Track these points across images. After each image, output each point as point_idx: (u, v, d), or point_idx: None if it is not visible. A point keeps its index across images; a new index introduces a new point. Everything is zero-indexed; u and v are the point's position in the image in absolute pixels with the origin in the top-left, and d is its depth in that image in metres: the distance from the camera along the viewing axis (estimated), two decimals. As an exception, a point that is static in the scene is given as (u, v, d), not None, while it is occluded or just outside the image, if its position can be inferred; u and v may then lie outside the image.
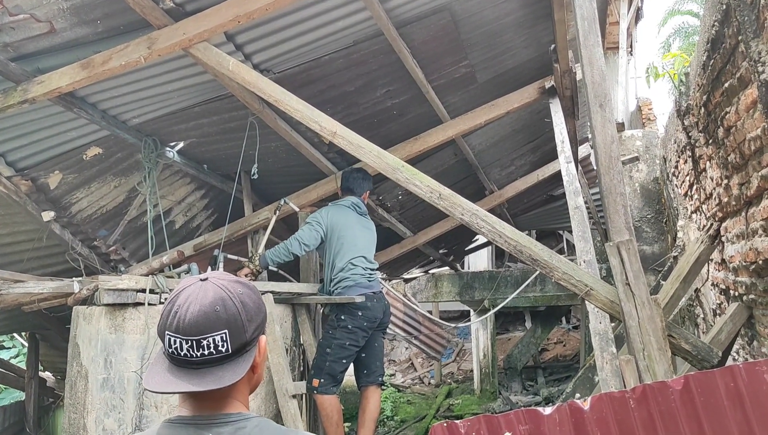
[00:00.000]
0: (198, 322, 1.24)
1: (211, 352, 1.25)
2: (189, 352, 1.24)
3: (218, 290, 1.29)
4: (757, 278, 3.52)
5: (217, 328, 1.25)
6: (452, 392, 11.92)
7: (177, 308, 1.26)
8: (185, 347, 1.24)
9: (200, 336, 1.24)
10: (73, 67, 3.56)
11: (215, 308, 1.26)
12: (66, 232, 5.02)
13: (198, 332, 1.24)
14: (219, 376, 1.25)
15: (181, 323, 1.25)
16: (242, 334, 1.28)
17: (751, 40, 2.51)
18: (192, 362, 1.25)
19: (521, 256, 2.79)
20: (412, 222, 7.46)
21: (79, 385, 3.86)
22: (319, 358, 4.45)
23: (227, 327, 1.26)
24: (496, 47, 4.75)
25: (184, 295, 1.29)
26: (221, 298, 1.28)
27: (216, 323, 1.25)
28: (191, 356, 1.24)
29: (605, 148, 2.62)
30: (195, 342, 1.24)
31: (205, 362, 1.25)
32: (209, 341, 1.24)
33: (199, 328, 1.24)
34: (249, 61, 3.93)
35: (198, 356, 1.24)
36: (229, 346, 1.26)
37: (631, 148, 8.47)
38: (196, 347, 1.24)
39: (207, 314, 1.25)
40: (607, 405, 1.70)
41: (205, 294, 1.28)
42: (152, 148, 4.73)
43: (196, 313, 1.25)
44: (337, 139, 3.31)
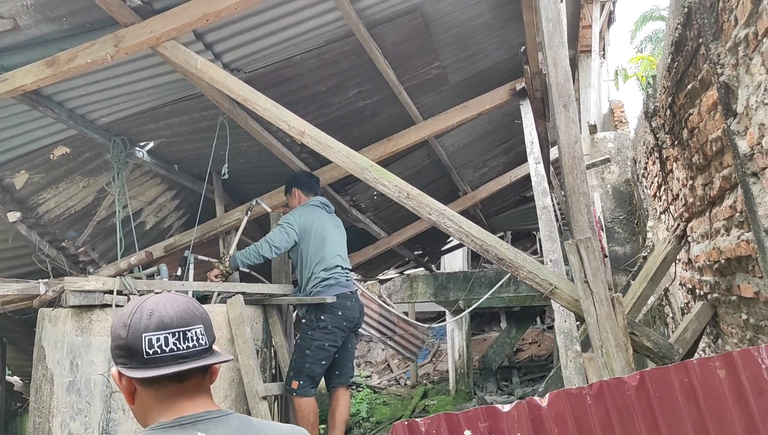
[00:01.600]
0: (181, 315, 1.28)
1: (195, 344, 1.27)
2: (176, 346, 1.25)
3: (180, 295, 1.34)
4: (720, 277, 3.59)
5: (196, 322, 1.29)
6: (428, 393, 11.96)
7: (151, 311, 1.28)
8: (171, 341, 1.25)
9: (185, 327, 1.27)
10: (37, 64, 3.50)
11: (189, 305, 1.31)
12: (33, 233, 4.93)
13: (183, 323, 1.27)
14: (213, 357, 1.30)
15: (164, 319, 1.26)
16: (211, 331, 1.33)
17: (711, 43, 2.55)
18: (178, 356, 1.25)
19: (488, 256, 2.81)
20: (387, 223, 7.47)
21: (45, 388, 3.80)
22: (298, 360, 4.41)
23: (202, 322, 1.31)
24: (467, 49, 4.78)
25: (151, 301, 1.30)
26: (188, 300, 1.33)
27: (194, 317, 1.30)
28: (178, 349, 1.25)
29: (569, 148, 2.66)
30: (182, 333, 1.26)
31: (192, 355, 1.26)
32: (193, 332, 1.28)
33: (183, 320, 1.27)
34: (219, 60, 3.91)
35: (184, 349, 1.26)
36: (206, 339, 1.30)
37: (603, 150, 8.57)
38: (182, 339, 1.26)
39: (185, 309, 1.30)
40: (565, 402, 1.72)
41: (173, 298, 1.32)
42: (121, 147, 4.67)
43: (177, 307, 1.29)
44: (306, 138, 3.30)
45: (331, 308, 4.47)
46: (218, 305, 4.40)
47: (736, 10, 2.31)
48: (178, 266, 4.88)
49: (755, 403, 1.64)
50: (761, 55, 2.17)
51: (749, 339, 3.25)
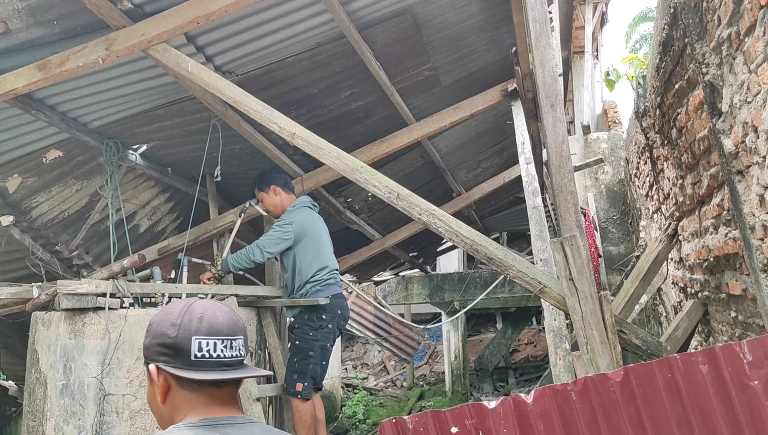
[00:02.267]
0: (229, 324, 1.32)
1: (237, 354, 1.32)
2: (222, 353, 1.29)
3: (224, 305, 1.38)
4: (709, 275, 3.61)
5: (239, 333, 1.34)
6: (424, 394, 11.97)
7: (200, 315, 1.30)
8: (219, 347, 1.29)
9: (232, 336, 1.31)
10: (29, 68, 3.51)
11: (234, 316, 1.35)
12: (26, 237, 4.92)
13: (230, 332, 1.31)
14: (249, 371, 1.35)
15: (214, 325, 1.29)
16: (247, 344, 1.38)
17: (696, 42, 2.58)
18: (223, 363, 1.29)
19: (477, 255, 2.83)
20: (381, 224, 7.48)
21: (38, 392, 3.80)
22: (302, 363, 4.35)
23: (243, 334, 1.35)
24: (458, 50, 4.80)
25: (200, 305, 1.33)
26: (233, 311, 1.38)
27: (238, 328, 1.34)
28: (224, 357, 1.29)
29: (556, 148, 2.67)
30: (229, 341, 1.30)
31: (234, 364, 1.31)
32: (237, 343, 1.32)
33: (231, 329, 1.31)
34: (211, 62, 3.92)
35: (229, 357, 1.29)
36: (245, 351, 1.35)
37: (596, 151, 8.61)
38: (229, 347, 1.30)
39: (232, 319, 1.34)
40: (550, 398, 1.74)
41: (219, 306, 1.36)
42: (114, 150, 4.67)
43: (226, 316, 1.33)
44: (296, 140, 3.32)
45: (331, 308, 4.47)
46: (212, 307, 4.39)
47: (719, 10, 2.34)
48: (171, 269, 4.88)
49: (737, 397, 1.66)
50: (744, 54, 2.20)
51: (738, 336, 3.28)
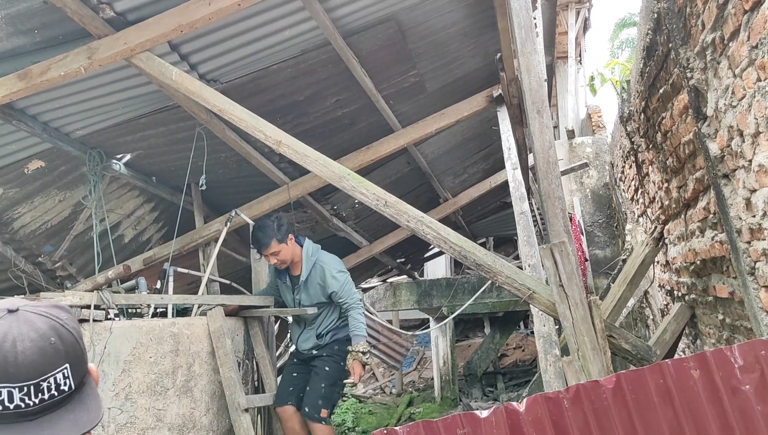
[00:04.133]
0: (35, 362, 1.00)
1: (53, 394, 1.02)
2: (23, 402, 0.99)
3: (44, 319, 1.05)
4: (696, 278, 3.63)
5: (58, 364, 1.03)
6: (413, 401, 11.93)
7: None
8: (17, 397, 0.99)
9: (39, 378, 1.00)
10: (9, 78, 3.46)
11: (50, 341, 1.03)
12: (8, 249, 4.86)
13: (36, 374, 1.00)
14: (72, 420, 1.03)
15: (10, 368, 0.98)
16: (83, 365, 1.08)
17: (680, 47, 2.60)
18: (27, 413, 1.00)
19: (466, 262, 2.82)
20: (368, 231, 7.47)
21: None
22: (330, 389, 4.41)
23: (68, 360, 1.04)
24: (443, 56, 4.81)
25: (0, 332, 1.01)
26: (53, 328, 1.05)
27: (55, 358, 1.02)
28: (26, 405, 1.00)
29: (543, 154, 2.68)
30: (33, 387, 1.00)
31: (45, 409, 1.01)
32: (50, 382, 1.01)
33: (37, 369, 1.00)
34: (195, 71, 3.89)
35: (36, 404, 1.00)
36: (72, 381, 1.04)
37: (581, 155, 8.67)
38: (33, 393, 1.00)
39: (43, 350, 1.01)
40: (542, 406, 1.72)
41: (30, 326, 1.03)
42: (97, 160, 4.62)
43: (29, 350, 1.00)
44: (283, 148, 3.30)
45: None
46: (198, 318, 4.36)
47: (703, 15, 2.35)
48: (157, 279, 4.84)
49: (729, 402, 1.65)
50: (728, 58, 2.21)
51: (726, 339, 3.30)
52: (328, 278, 4.38)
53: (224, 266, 5.91)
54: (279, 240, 4.36)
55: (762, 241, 2.25)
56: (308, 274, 4.44)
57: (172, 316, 4.37)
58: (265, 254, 4.42)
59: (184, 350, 4.04)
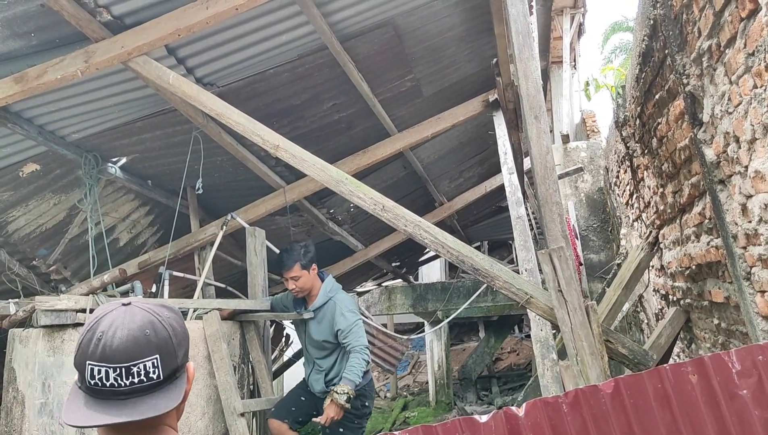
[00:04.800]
0: (127, 348, 1.15)
1: (142, 379, 1.15)
2: (116, 382, 1.14)
3: (145, 314, 1.21)
4: (692, 283, 3.65)
5: (148, 354, 1.17)
6: (408, 405, 11.92)
7: (101, 335, 1.16)
8: (112, 376, 1.14)
9: (130, 362, 1.15)
10: (5, 81, 3.45)
11: (145, 332, 1.17)
12: (2, 252, 4.84)
13: (128, 359, 1.15)
14: (153, 404, 1.16)
15: (107, 350, 1.14)
16: (173, 359, 1.20)
17: (676, 54, 2.61)
18: (119, 393, 1.14)
19: (464, 266, 2.83)
20: (364, 235, 7.47)
21: (16, 411, 3.70)
22: None
23: (158, 352, 1.18)
24: (440, 61, 4.82)
25: (108, 320, 1.18)
26: (150, 322, 1.19)
27: (147, 348, 1.17)
28: (119, 386, 1.14)
29: (541, 159, 2.69)
30: (124, 370, 1.14)
31: (135, 392, 1.15)
32: (140, 368, 1.15)
33: (128, 354, 1.15)
34: (192, 74, 3.89)
35: (127, 385, 1.15)
36: (161, 372, 1.17)
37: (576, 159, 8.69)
38: (125, 375, 1.14)
39: (137, 339, 1.16)
40: (541, 410, 1.73)
41: (132, 318, 1.19)
42: (93, 164, 4.61)
43: (125, 337, 1.15)
44: (280, 152, 3.30)
45: (370, 392, 4.43)
46: (194, 322, 4.34)
47: (699, 22, 2.37)
48: (152, 283, 4.82)
49: (726, 406, 1.66)
50: (724, 65, 2.23)
51: (721, 343, 3.31)
52: (337, 315, 4.19)
53: (220, 270, 5.90)
54: (302, 265, 4.25)
55: (758, 246, 2.26)
56: (320, 306, 4.28)
57: (168, 320, 4.35)
58: (286, 277, 4.28)
59: (179, 354, 4.02)
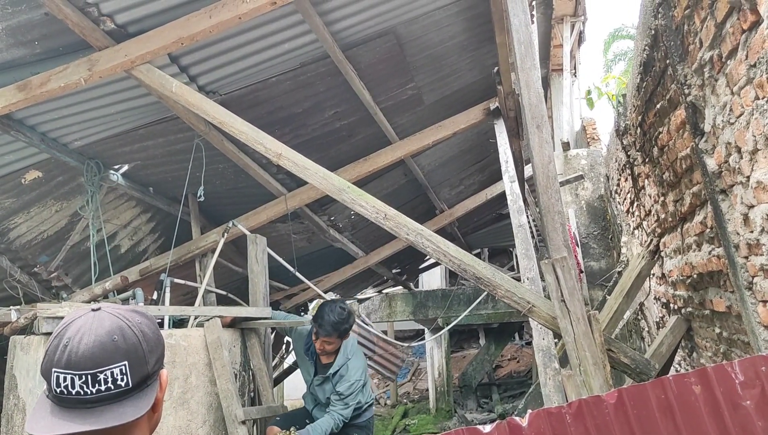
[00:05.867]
0: (94, 354, 1.11)
1: (109, 387, 1.12)
2: (82, 389, 1.11)
3: (115, 319, 1.17)
4: (693, 292, 3.65)
5: (116, 360, 1.13)
6: (408, 412, 11.90)
7: (67, 341, 1.12)
8: (77, 384, 1.10)
9: (96, 369, 1.11)
10: (9, 88, 3.46)
11: (113, 338, 1.14)
12: (4, 259, 4.83)
13: (94, 365, 1.11)
14: (119, 412, 1.12)
15: (73, 357, 1.10)
16: (143, 366, 1.16)
17: (678, 64, 2.63)
18: (85, 401, 1.11)
19: (465, 275, 2.83)
20: (365, 242, 7.47)
21: (17, 418, 3.69)
22: None
23: (126, 358, 1.14)
24: (441, 70, 4.84)
25: (75, 327, 1.14)
26: (119, 327, 1.15)
27: (114, 354, 1.13)
28: (85, 393, 1.11)
29: (543, 169, 2.70)
30: (90, 377, 1.11)
31: (102, 399, 1.12)
32: (107, 375, 1.12)
33: (94, 361, 1.11)
34: (194, 82, 3.90)
35: (93, 393, 1.11)
36: (129, 379, 1.14)
37: (576, 167, 8.71)
38: (91, 383, 1.11)
39: (104, 344, 1.12)
40: (545, 421, 1.73)
41: (100, 323, 1.15)
42: (95, 171, 4.62)
43: (92, 343, 1.12)
44: (283, 160, 3.30)
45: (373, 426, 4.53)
46: (195, 329, 4.34)
47: (700, 33, 2.38)
48: (154, 290, 4.82)
49: (730, 418, 1.66)
50: (726, 76, 2.24)
51: (723, 352, 3.31)
52: (343, 381, 4.24)
53: (221, 277, 5.91)
54: (340, 334, 4.28)
55: (760, 256, 2.27)
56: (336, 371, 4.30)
57: (169, 327, 4.36)
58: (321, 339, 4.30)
59: (180, 362, 4.02)
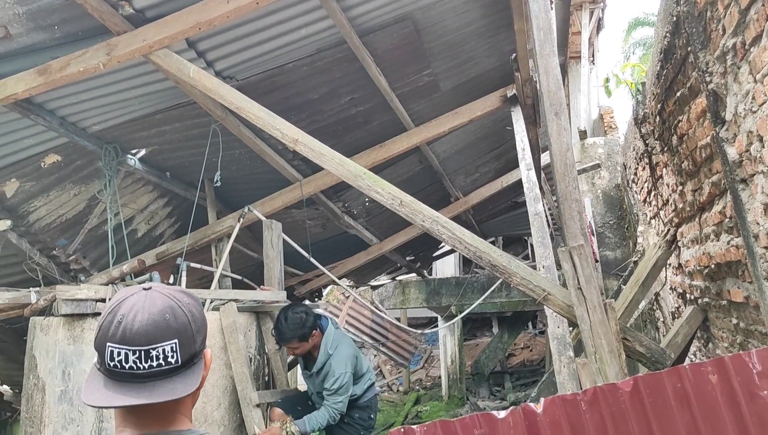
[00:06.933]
0: (147, 331, 1.16)
1: (160, 363, 1.17)
2: (135, 364, 1.16)
3: (166, 299, 1.22)
4: (710, 282, 3.62)
5: (167, 338, 1.18)
6: (420, 399, 11.95)
7: (121, 317, 1.17)
8: (131, 359, 1.15)
9: (149, 346, 1.16)
10: (29, 73, 3.50)
11: (165, 316, 1.19)
12: (23, 242, 4.90)
13: (147, 342, 1.16)
14: (170, 388, 1.17)
15: (127, 333, 1.15)
16: (192, 345, 1.21)
17: (699, 51, 2.59)
18: (138, 375, 1.16)
19: (481, 262, 2.83)
20: (379, 229, 7.48)
21: (36, 398, 3.77)
22: None
23: (177, 336, 1.19)
24: (458, 56, 4.81)
25: (128, 304, 1.19)
26: (170, 307, 1.21)
27: (166, 332, 1.18)
28: (138, 368, 1.16)
29: (561, 156, 2.68)
30: (143, 353, 1.16)
31: (153, 375, 1.17)
32: (159, 351, 1.17)
33: (148, 338, 1.16)
34: (211, 68, 3.92)
35: (145, 368, 1.16)
36: (179, 356, 1.19)
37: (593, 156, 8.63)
38: (144, 358, 1.16)
39: (157, 323, 1.17)
40: (560, 407, 1.73)
41: (153, 302, 1.20)
42: (113, 155, 4.66)
43: (145, 321, 1.17)
44: (299, 146, 3.31)
45: (375, 406, 4.63)
46: (211, 313, 4.38)
47: (723, 19, 2.34)
48: (170, 274, 4.87)
49: (747, 407, 1.66)
50: (749, 63, 2.20)
51: (740, 343, 3.29)
52: (329, 377, 4.25)
53: (236, 262, 5.95)
54: (300, 338, 4.25)
55: (780, 246, 2.24)
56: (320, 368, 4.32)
57: (185, 311, 4.40)
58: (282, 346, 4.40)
59: (196, 345, 4.07)
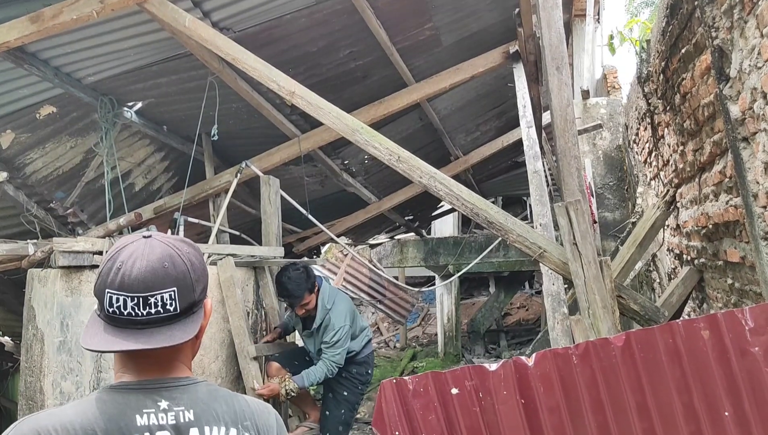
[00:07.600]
0: (146, 278, 1.16)
1: (158, 310, 1.17)
2: (134, 311, 1.16)
3: (165, 247, 1.22)
4: (707, 242, 3.62)
5: (166, 285, 1.18)
6: (417, 355, 12.12)
7: (120, 264, 1.17)
8: (130, 305, 1.16)
9: (148, 292, 1.16)
10: (21, 20, 3.42)
11: (164, 264, 1.19)
12: (20, 194, 4.89)
13: (145, 288, 1.16)
14: (168, 335, 1.18)
15: (126, 279, 1.15)
16: (191, 293, 1.21)
17: (706, 5, 2.53)
18: (136, 322, 1.17)
19: (478, 219, 2.82)
20: (378, 187, 7.45)
21: (35, 348, 3.81)
22: (348, 414, 4.49)
23: (176, 284, 1.19)
24: (460, 10, 4.70)
25: (128, 251, 1.19)
26: (169, 255, 1.20)
27: (165, 280, 1.18)
28: (136, 315, 1.16)
29: (561, 111, 2.64)
30: (141, 299, 1.16)
31: (151, 322, 1.17)
32: (157, 299, 1.17)
33: (146, 284, 1.16)
34: (208, 18, 3.83)
35: (143, 315, 1.17)
36: (177, 304, 1.19)
37: (595, 116, 8.54)
38: (142, 305, 1.16)
39: (155, 270, 1.17)
40: (551, 361, 1.74)
41: (152, 250, 1.20)
42: (109, 107, 4.60)
43: (144, 268, 1.17)
44: (296, 99, 3.27)
45: (372, 361, 4.69)
46: (209, 267, 4.39)
47: (733, -29, 2.28)
48: (168, 229, 4.87)
49: (737, 363, 1.67)
50: (756, 18, 2.15)
51: (734, 303, 3.30)
52: (328, 331, 4.27)
53: (234, 217, 5.94)
54: (309, 291, 4.26)
55: (778, 206, 2.23)
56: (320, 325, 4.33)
57: (183, 265, 4.41)
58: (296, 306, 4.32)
59: (194, 298, 4.09)
